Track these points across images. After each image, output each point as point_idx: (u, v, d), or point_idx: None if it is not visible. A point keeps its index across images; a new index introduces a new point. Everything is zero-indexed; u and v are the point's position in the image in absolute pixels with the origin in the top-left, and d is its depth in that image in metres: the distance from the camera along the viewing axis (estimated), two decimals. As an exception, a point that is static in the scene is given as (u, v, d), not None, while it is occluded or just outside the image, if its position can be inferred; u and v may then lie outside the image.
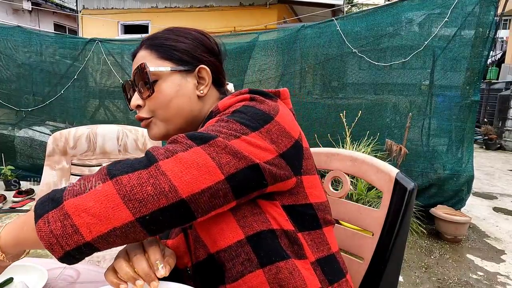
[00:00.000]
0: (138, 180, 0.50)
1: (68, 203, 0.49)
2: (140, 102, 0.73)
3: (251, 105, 0.64)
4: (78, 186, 0.51)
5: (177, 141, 0.57)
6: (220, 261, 0.62)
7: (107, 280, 0.60)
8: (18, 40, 4.33)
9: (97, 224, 0.49)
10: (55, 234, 0.48)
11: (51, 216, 0.49)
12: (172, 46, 0.73)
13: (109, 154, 1.53)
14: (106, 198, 0.49)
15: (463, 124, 3.10)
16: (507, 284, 2.40)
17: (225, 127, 0.59)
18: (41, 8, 9.87)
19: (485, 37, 2.92)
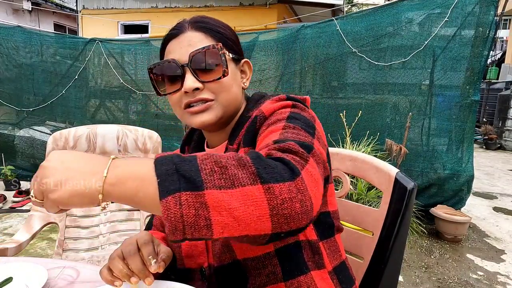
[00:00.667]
0: (289, 194, 0.45)
1: (210, 194, 0.43)
2: (199, 84, 0.67)
3: (296, 112, 0.65)
4: (220, 176, 0.44)
5: (293, 150, 0.51)
6: (245, 268, 0.64)
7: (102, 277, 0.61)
8: (18, 40, 4.33)
9: (234, 227, 0.44)
10: (185, 220, 0.42)
11: (185, 198, 0.42)
12: (225, 34, 0.72)
13: (109, 154, 1.52)
14: (254, 204, 0.43)
15: (463, 124, 3.10)
16: (507, 284, 2.40)
17: (299, 134, 0.57)
18: (41, 8, 9.87)
19: (485, 36, 2.92)
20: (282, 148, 0.51)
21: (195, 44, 0.67)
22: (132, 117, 4.60)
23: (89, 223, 1.48)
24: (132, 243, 0.63)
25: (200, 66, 0.67)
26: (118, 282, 0.60)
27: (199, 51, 0.66)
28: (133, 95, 4.52)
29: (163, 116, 4.44)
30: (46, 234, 2.90)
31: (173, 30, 0.72)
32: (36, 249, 2.68)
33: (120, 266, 0.59)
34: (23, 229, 1.35)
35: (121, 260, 0.60)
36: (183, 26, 0.70)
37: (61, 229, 1.43)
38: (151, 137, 1.55)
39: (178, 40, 0.69)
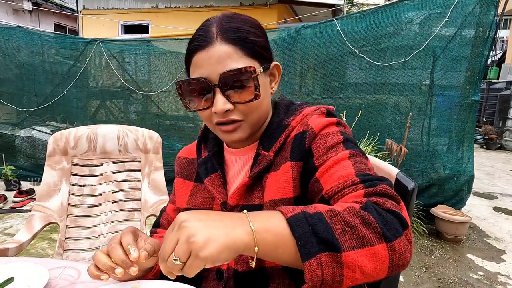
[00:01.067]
0: (404, 247, 0.50)
1: (347, 256, 0.48)
2: (230, 106, 0.65)
3: (343, 131, 0.68)
4: (351, 236, 0.49)
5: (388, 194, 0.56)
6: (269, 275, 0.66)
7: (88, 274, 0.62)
8: (19, 41, 4.34)
9: (360, 279, 0.49)
10: (324, 279, 0.47)
11: (324, 259, 0.47)
12: (256, 42, 0.67)
13: (110, 154, 1.53)
14: (379, 261, 0.49)
15: (463, 124, 3.10)
16: (508, 284, 2.40)
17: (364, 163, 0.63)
18: (41, 8, 9.87)
19: (485, 36, 2.92)
20: (379, 193, 0.55)
21: (225, 61, 0.63)
22: (133, 117, 4.61)
23: (90, 223, 1.48)
24: (116, 238, 0.64)
25: (231, 87, 0.65)
26: (104, 275, 0.61)
27: (230, 73, 0.63)
28: (134, 95, 4.52)
29: (164, 116, 4.45)
30: (46, 234, 2.91)
31: (200, 40, 0.66)
32: (37, 249, 2.68)
33: (104, 259, 0.60)
34: (24, 229, 1.35)
35: (104, 254, 0.62)
36: (212, 37, 0.65)
37: (62, 229, 1.43)
38: (151, 137, 1.55)
39: (207, 54, 0.64)
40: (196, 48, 0.66)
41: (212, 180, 0.76)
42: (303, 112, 0.73)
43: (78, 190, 1.48)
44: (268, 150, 0.70)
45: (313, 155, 0.65)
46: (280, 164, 0.69)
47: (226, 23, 0.67)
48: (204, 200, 0.78)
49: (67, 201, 1.45)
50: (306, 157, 0.67)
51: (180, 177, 0.86)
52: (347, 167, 0.60)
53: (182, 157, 0.89)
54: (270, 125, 0.74)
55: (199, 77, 0.65)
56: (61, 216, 1.43)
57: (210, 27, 0.66)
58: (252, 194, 0.70)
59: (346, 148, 0.64)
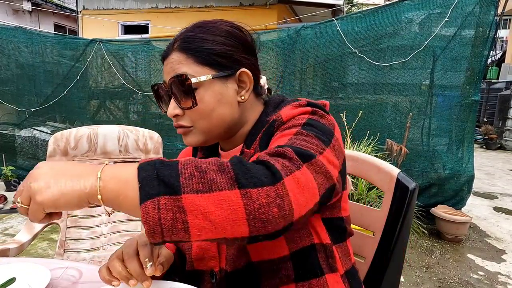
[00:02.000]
0: (266, 199, 0.46)
1: (187, 198, 0.44)
2: (179, 111, 0.68)
3: (315, 118, 0.64)
4: (198, 178, 0.45)
5: (286, 155, 0.52)
6: (258, 271, 0.64)
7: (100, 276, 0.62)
8: (20, 41, 4.34)
9: (211, 230, 0.45)
10: (162, 223, 0.44)
11: (163, 202, 0.44)
12: (210, 49, 0.66)
13: (110, 154, 1.53)
14: (230, 208, 0.44)
15: (463, 124, 3.10)
16: (508, 284, 2.40)
17: (309, 141, 0.57)
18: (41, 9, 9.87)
19: (485, 36, 2.92)
20: (276, 153, 0.52)
21: (175, 68, 0.67)
22: (133, 118, 4.61)
23: (91, 223, 1.48)
24: (132, 245, 0.63)
25: (177, 93, 0.67)
26: (116, 282, 0.61)
27: (172, 79, 0.66)
28: (134, 95, 4.52)
29: (165, 116, 4.44)
30: (47, 234, 2.90)
31: (164, 50, 0.72)
32: (37, 249, 2.68)
33: (119, 268, 0.60)
34: (24, 230, 1.35)
35: (120, 261, 0.61)
36: (170, 48, 0.70)
37: (62, 230, 1.43)
38: (152, 137, 1.55)
39: (166, 62, 0.70)
40: (161, 58, 0.72)
41: None
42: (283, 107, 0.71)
43: (78, 191, 1.48)
44: (249, 148, 0.70)
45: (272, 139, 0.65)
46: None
47: (186, 32, 0.70)
48: None
49: (68, 202, 1.45)
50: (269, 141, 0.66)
51: None
52: (282, 141, 0.57)
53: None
54: (256, 124, 0.73)
55: (161, 83, 0.70)
56: (61, 217, 1.43)
57: (173, 39, 0.71)
58: None
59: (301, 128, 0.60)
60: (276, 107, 0.74)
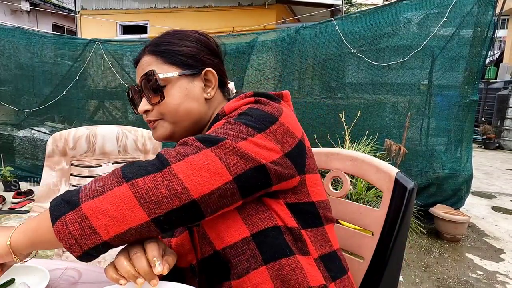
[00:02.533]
0: (153, 183, 0.52)
1: (86, 206, 0.51)
2: (149, 107, 0.74)
3: (256, 107, 0.67)
4: (94, 188, 0.53)
5: (187, 143, 0.58)
6: (226, 258, 0.64)
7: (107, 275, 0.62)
8: (18, 41, 4.33)
9: (115, 225, 0.51)
10: (74, 235, 0.50)
11: (69, 218, 0.51)
12: (177, 51, 0.74)
13: (109, 155, 1.53)
14: (123, 200, 0.51)
15: (461, 124, 3.11)
16: (506, 283, 2.41)
17: (232, 129, 0.61)
18: (39, 9, 9.85)
19: (484, 36, 2.92)
20: (180, 143, 0.59)
21: (145, 68, 0.73)
22: (132, 118, 4.60)
23: (89, 224, 1.47)
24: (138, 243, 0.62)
25: (146, 91, 0.73)
26: (123, 280, 0.60)
27: (142, 78, 0.73)
28: (132, 95, 4.51)
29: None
30: (45, 235, 2.90)
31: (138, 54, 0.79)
32: (36, 250, 2.68)
33: (127, 266, 0.59)
34: (23, 230, 1.35)
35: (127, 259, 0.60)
36: (142, 52, 0.77)
37: (61, 230, 1.43)
38: (151, 137, 1.55)
39: (138, 66, 0.77)
40: (134, 63, 0.79)
41: None
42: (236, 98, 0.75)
43: (77, 191, 1.48)
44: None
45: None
46: None
47: (156, 39, 0.78)
48: None
49: (67, 202, 1.45)
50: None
51: None
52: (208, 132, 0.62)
53: None
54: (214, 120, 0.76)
55: (133, 84, 0.77)
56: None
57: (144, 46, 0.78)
58: None
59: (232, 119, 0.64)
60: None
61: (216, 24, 6.47)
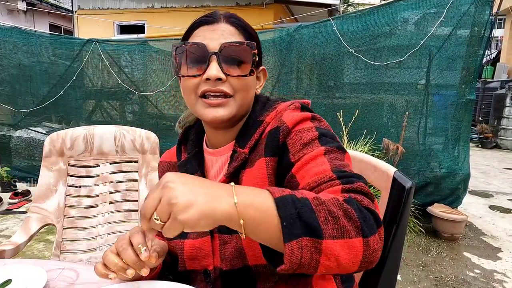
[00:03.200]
0: (377, 245, 0.52)
1: (326, 243, 0.49)
2: (223, 76, 0.67)
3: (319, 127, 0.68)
4: (333, 226, 0.49)
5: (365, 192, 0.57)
6: (256, 273, 0.65)
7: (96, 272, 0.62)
8: (15, 41, 4.31)
9: (333, 269, 0.50)
10: (301, 263, 0.48)
11: (305, 243, 0.48)
12: (254, 37, 0.73)
13: (107, 155, 1.52)
14: (354, 254, 0.50)
15: (459, 123, 3.12)
16: (504, 282, 2.42)
17: (343, 160, 0.63)
18: (36, 9, 9.81)
19: (481, 36, 2.93)
20: (356, 190, 0.56)
21: (227, 36, 0.68)
22: (130, 118, 4.59)
23: (87, 224, 1.47)
24: (124, 238, 0.63)
25: (229, 59, 0.67)
26: (113, 274, 0.61)
27: (233, 44, 0.67)
28: (130, 95, 4.51)
29: (161, 116, 4.44)
30: (43, 235, 2.89)
31: (206, 17, 0.72)
32: (33, 250, 2.67)
33: (115, 260, 0.60)
34: (20, 231, 1.34)
35: (114, 254, 0.61)
36: (217, 17, 0.71)
37: (59, 231, 1.43)
38: (148, 137, 1.55)
39: (211, 28, 0.69)
40: (201, 23, 0.70)
41: None
42: (277, 108, 0.74)
43: (75, 191, 1.47)
44: (243, 147, 0.71)
45: (288, 151, 0.66)
46: (255, 161, 0.69)
47: (230, 13, 0.74)
48: None
49: (64, 202, 1.45)
50: (281, 153, 0.67)
51: None
52: (322, 163, 0.61)
53: (164, 161, 0.89)
54: (247, 122, 0.75)
55: (199, 42, 0.67)
56: (57, 218, 1.43)
57: (217, 12, 0.73)
58: None
59: (322, 144, 0.64)
60: (263, 106, 0.77)
61: (214, 24, 6.46)
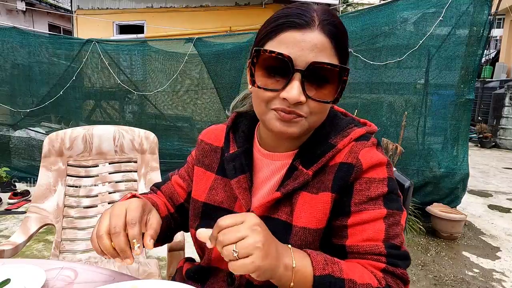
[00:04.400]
0: None
1: None
2: (303, 99, 0.59)
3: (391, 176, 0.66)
4: None
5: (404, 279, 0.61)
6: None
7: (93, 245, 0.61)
8: (14, 41, 4.30)
9: None
10: None
11: None
12: (346, 47, 0.65)
13: (106, 155, 1.52)
14: None
15: (458, 123, 3.12)
16: (502, 281, 2.42)
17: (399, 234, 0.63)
18: (35, 9, 9.80)
19: (479, 36, 2.94)
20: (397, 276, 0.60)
21: (319, 52, 0.58)
22: (129, 118, 4.59)
23: (86, 224, 1.47)
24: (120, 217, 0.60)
25: (315, 80, 0.60)
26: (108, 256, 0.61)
27: (323, 65, 0.58)
28: (130, 95, 4.50)
29: (161, 116, 4.44)
30: (42, 235, 2.89)
31: (298, 17, 0.60)
32: (33, 251, 2.67)
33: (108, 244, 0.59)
34: (19, 231, 1.34)
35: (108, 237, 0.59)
36: (312, 21, 0.59)
37: (58, 231, 1.43)
38: (147, 137, 1.55)
39: (301, 36, 0.58)
40: (290, 25, 0.59)
41: (240, 182, 0.72)
42: (351, 134, 0.68)
43: (74, 191, 1.47)
44: (307, 167, 0.67)
45: (351, 196, 0.64)
46: (319, 189, 0.66)
47: (328, 15, 0.61)
48: (225, 198, 0.75)
49: (63, 202, 1.45)
50: (344, 192, 0.65)
51: (201, 167, 0.81)
52: (379, 230, 0.61)
53: (205, 142, 0.83)
54: (314, 137, 0.69)
55: (286, 55, 0.58)
56: (57, 218, 1.43)
57: (310, 10, 0.61)
58: (278, 208, 0.68)
59: (385, 205, 0.63)
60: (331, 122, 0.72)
61: (213, 24, 6.46)
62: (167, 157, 4.01)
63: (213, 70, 4.13)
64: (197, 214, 0.77)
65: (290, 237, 0.65)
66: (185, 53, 4.10)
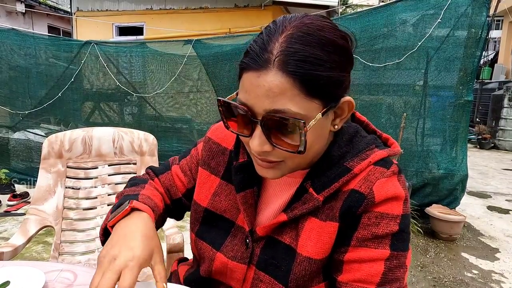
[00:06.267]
0: None
1: None
2: (267, 148, 0.55)
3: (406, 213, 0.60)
4: None
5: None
6: None
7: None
8: (13, 43, 4.30)
9: None
10: None
11: None
12: (326, 78, 0.51)
13: (105, 157, 1.52)
14: None
15: (457, 124, 3.13)
16: (502, 282, 2.42)
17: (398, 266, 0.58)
18: (34, 10, 9.81)
19: (478, 37, 2.95)
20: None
21: (275, 97, 0.51)
22: (128, 119, 4.59)
23: (85, 226, 1.47)
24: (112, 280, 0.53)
25: (276, 128, 0.53)
26: None
27: (275, 116, 0.51)
28: (129, 97, 4.51)
29: (160, 118, 4.44)
30: (41, 237, 2.88)
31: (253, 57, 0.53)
32: (32, 252, 2.66)
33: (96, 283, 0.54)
34: (18, 233, 1.34)
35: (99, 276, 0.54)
36: (268, 60, 0.51)
37: (57, 233, 1.43)
38: (147, 139, 1.55)
39: (257, 81, 0.52)
40: (246, 65, 0.54)
41: (246, 197, 0.68)
42: (370, 157, 0.61)
43: (73, 193, 1.47)
44: (318, 192, 0.61)
45: (356, 229, 0.59)
46: (327, 216, 0.61)
47: (293, 43, 0.51)
48: (229, 207, 0.72)
49: (62, 204, 1.45)
50: (349, 223, 0.60)
51: (206, 169, 0.76)
52: (375, 273, 0.57)
53: (213, 141, 0.77)
54: (327, 157, 0.62)
55: (242, 106, 0.54)
56: (56, 219, 1.43)
57: (271, 41, 0.52)
58: (283, 230, 0.65)
59: (391, 246, 0.57)
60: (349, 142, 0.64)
61: (212, 26, 6.47)
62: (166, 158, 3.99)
63: (212, 72, 4.13)
64: (198, 219, 0.75)
65: (294, 265, 0.62)
66: (184, 55, 4.11)
